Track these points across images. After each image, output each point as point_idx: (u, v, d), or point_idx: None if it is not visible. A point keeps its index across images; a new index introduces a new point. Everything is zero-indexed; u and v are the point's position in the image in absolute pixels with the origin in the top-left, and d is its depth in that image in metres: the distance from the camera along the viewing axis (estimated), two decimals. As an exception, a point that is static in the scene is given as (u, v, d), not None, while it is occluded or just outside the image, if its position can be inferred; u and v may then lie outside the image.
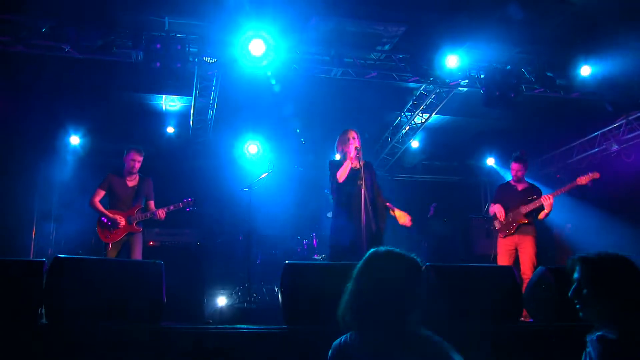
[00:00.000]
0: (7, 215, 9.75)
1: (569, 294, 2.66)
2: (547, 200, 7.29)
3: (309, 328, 4.36)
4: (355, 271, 2.71)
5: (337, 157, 6.85)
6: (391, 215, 6.69)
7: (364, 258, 2.70)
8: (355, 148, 6.43)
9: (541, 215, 7.43)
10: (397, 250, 2.67)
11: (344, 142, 6.72)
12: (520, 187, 7.78)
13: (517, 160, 7.80)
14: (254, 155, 11.15)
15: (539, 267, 5.45)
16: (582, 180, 7.35)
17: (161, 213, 7.36)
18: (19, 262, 4.80)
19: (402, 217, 6.59)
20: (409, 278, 2.57)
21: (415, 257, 2.63)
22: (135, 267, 4.72)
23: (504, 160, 12.06)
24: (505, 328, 4.70)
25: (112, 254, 7.14)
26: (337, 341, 2.67)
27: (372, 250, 2.71)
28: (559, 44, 8.46)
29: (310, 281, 4.62)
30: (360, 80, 8.96)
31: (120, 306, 4.34)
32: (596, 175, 7.33)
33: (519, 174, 7.76)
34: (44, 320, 4.32)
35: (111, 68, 8.69)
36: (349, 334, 2.64)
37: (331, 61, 8.49)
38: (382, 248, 2.69)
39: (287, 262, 4.69)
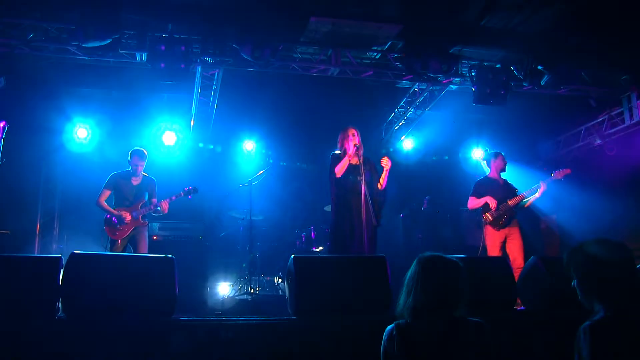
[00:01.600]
0: (12, 210, 9.70)
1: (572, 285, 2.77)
2: (543, 187, 7.59)
3: (317, 318, 4.43)
4: (410, 274, 2.95)
5: (339, 152, 6.91)
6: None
7: (418, 262, 2.94)
8: (355, 145, 6.49)
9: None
10: (441, 254, 2.98)
11: (344, 138, 6.79)
12: (501, 181, 7.96)
13: (503, 160, 8.03)
14: (251, 152, 11.17)
15: (532, 257, 5.54)
16: (559, 174, 7.76)
17: (164, 205, 7.46)
18: (36, 258, 4.84)
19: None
20: (457, 277, 2.88)
21: (457, 259, 2.95)
22: (148, 262, 4.76)
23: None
24: (502, 316, 4.79)
25: (119, 249, 7.25)
26: (395, 324, 2.90)
27: (422, 255, 2.97)
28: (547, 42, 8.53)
29: (316, 273, 4.69)
30: (356, 79, 8.98)
31: (134, 299, 4.38)
32: (568, 171, 7.76)
33: (501, 170, 7.96)
34: (61, 313, 4.36)
35: (115, 66, 8.66)
36: (404, 321, 2.88)
37: (328, 60, 8.53)
38: (428, 253, 2.98)
39: (293, 255, 4.75)
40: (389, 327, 2.87)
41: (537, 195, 7.65)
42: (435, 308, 2.80)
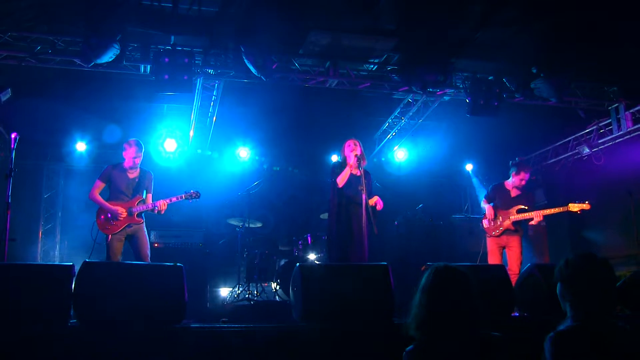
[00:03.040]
0: (16, 218, 9.68)
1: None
2: (537, 217, 7.49)
3: (323, 325, 4.48)
4: (421, 287, 2.81)
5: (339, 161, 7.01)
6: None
7: (430, 275, 2.81)
8: (356, 156, 6.56)
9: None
10: (453, 265, 2.87)
11: (344, 150, 6.87)
12: (513, 193, 7.88)
13: (517, 173, 7.85)
14: (248, 160, 11.22)
15: (528, 265, 5.62)
16: (574, 207, 7.54)
17: (162, 204, 6.99)
18: (49, 266, 4.86)
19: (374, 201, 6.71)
20: (470, 289, 2.77)
21: (465, 271, 2.82)
22: (158, 270, 4.79)
23: (483, 164, 12.24)
24: (499, 323, 4.84)
25: (114, 246, 6.81)
26: (417, 343, 2.74)
27: (433, 267, 2.83)
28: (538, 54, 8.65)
29: (321, 281, 4.74)
30: (353, 90, 9.08)
31: (145, 307, 4.42)
32: (587, 206, 7.51)
33: (523, 182, 7.87)
34: (73, 321, 4.39)
35: (113, 77, 8.67)
36: (419, 342, 2.74)
37: (327, 72, 8.61)
38: (441, 264, 2.85)
39: (298, 264, 4.81)
40: (409, 347, 2.74)
41: (532, 222, 7.63)
42: (452, 320, 2.69)
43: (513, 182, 7.92)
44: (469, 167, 12.32)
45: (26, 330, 4.10)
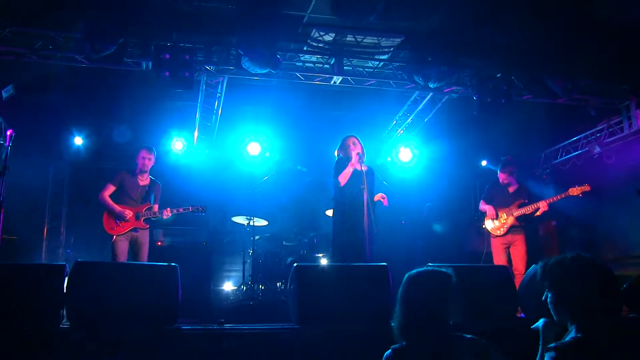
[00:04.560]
0: (20, 215, 9.67)
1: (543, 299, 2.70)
2: (543, 208, 7.40)
3: (319, 327, 4.37)
4: (399, 292, 2.85)
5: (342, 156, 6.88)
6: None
7: (405, 280, 2.86)
8: (357, 154, 6.44)
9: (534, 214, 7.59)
10: (429, 268, 2.89)
11: (345, 148, 6.74)
12: (511, 189, 7.86)
13: (502, 170, 7.98)
14: (254, 158, 11.09)
15: (532, 265, 5.48)
16: (575, 191, 7.49)
17: (167, 213, 7.35)
18: (41, 266, 4.78)
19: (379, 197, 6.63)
20: (443, 290, 2.75)
21: (445, 270, 2.83)
22: (152, 270, 4.70)
23: (490, 163, 12.05)
24: (502, 325, 4.72)
25: (119, 247, 7.06)
26: (391, 349, 2.79)
27: (408, 273, 2.87)
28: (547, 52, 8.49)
29: (318, 282, 4.63)
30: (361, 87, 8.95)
31: (138, 308, 4.34)
32: (587, 188, 7.44)
33: (506, 181, 7.86)
34: (65, 321, 4.31)
35: (118, 74, 8.60)
36: (403, 343, 2.78)
37: (331, 70, 8.48)
38: (415, 270, 2.88)
39: (295, 264, 4.71)
40: (387, 352, 2.78)
41: (538, 213, 7.56)
42: (425, 325, 2.70)
43: (501, 177, 7.98)
44: (483, 163, 12.11)
45: (17, 332, 4.02)
